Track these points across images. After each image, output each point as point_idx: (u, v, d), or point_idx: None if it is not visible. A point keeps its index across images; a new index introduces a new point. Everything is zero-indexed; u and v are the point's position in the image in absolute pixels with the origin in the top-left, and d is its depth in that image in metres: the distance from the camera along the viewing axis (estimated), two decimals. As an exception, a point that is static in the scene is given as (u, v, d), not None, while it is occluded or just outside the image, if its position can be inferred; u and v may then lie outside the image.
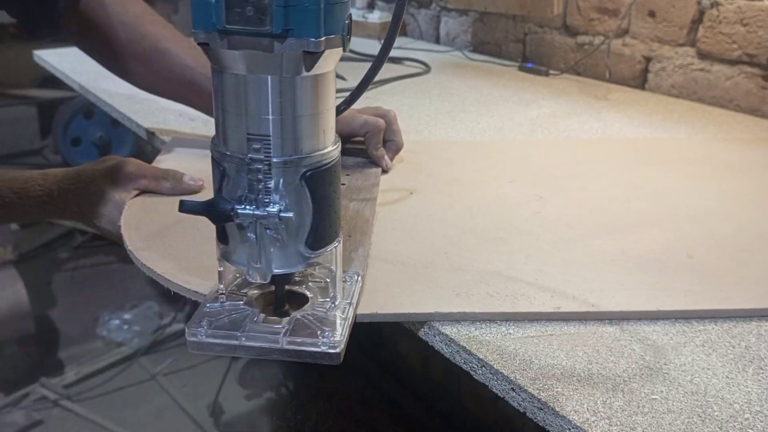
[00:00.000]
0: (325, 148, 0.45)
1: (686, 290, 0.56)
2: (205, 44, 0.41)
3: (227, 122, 0.43)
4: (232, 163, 0.43)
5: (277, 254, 0.45)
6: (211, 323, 0.46)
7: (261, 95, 0.42)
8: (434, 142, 0.96)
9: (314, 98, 0.43)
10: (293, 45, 0.40)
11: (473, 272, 0.58)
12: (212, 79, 0.44)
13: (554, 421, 0.44)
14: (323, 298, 0.50)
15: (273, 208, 0.43)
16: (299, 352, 0.45)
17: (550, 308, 0.53)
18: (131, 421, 1.74)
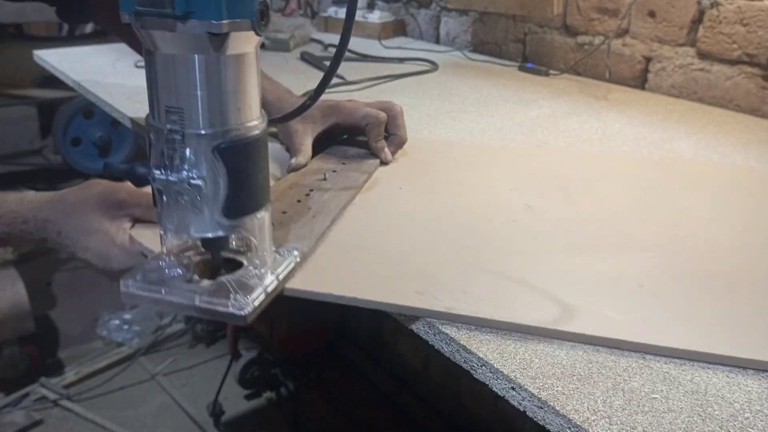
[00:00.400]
0: (240, 125, 0.48)
1: (633, 319, 0.53)
2: (128, 24, 0.45)
3: (152, 95, 0.48)
4: (155, 133, 0.48)
5: (194, 219, 0.49)
6: (143, 277, 0.51)
7: (174, 71, 0.46)
8: (443, 142, 0.96)
9: (228, 77, 0.47)
10: (195, 26, 0.43)
11: (419, 269, 0.58)
12: (144, 59, 0.48)
13: (554, 420, 0.44)
14: (251, 268, 0.53)
15: (182, 175, 0.47)
16: (211, 310, 0.49)
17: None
18: (131, 421, 1.74)
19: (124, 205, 0.62)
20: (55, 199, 0.61)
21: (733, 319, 0.53)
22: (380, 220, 0.68)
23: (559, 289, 0.56)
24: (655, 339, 0.49)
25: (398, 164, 0.85)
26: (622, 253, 0.63)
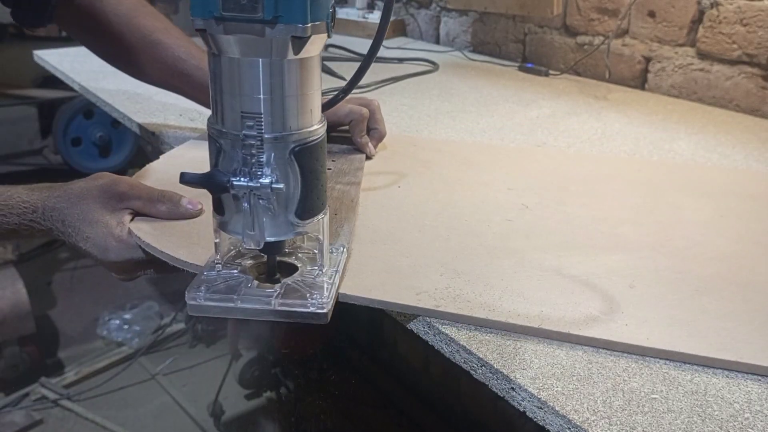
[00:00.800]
0: (311, 126, 0.49)
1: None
2: (202, 30, 0.44)
3: (223, 102, 0.47)
4: (227, 140, 0.48)
5: (269, 223, 0.49)
6: (208, 288, 0.51)
7: (253, 76, 0.46)
8: (443, 141, 0.96)
9: (302, 80, 0.47)
10: (282, 30, 0.43)
11: (412, 267, 0.58)
12: (209, 63, 0.48)
13: (554, 421, 0.44)
14: (311, 267, 0.54)
15: (265, 180, 0.47)
16: (290, 312, 0.49)
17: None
18: (131, 421, 1.74)
19: (125, 198, 0.62)
20: (61, 189, 0.62)
21: (725, 323, 0.52)
22: (383, 218, 0.69)
23: (544, 287, 0.56)
24: (639, 340, 0.49)
25: (396, 162, 0.85)
26: (613, 254, 0.63)
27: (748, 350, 0.49)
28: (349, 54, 1.58)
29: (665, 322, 0.52)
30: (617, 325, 0.51)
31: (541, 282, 0.57)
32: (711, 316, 0.53)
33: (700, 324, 0.52)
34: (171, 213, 0.64)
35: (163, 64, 0.83)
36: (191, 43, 0.86)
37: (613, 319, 0.52)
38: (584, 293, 0.55)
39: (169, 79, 0.85)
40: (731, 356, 0.48)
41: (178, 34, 0.85)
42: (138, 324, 2.04)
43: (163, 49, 0.83)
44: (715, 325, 0.52)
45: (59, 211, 0.61)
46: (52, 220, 0.61)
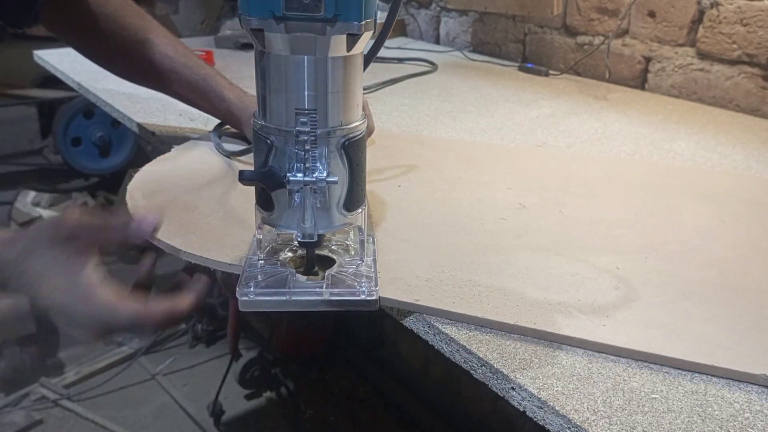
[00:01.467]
0: (357, 121, 0.51)
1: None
2: (258, 30, 0.46)
3: (274, 100, 0.49)
4: (279, 136, 0.49)
5: (320, 216, 0.51)
6: (257, 284, 0.52)
7: (308, 74, 0.47)
8: (446, 140, 0.96)
9: (351, 76, 0.49)
10: (341, 28, 0.45)
11: (396, 263, 0.59)
12: (257, 63, 0.49)
13: (554, 420, 0.44)
14: (348, 258, 0.56)
15: (321, 174, 0.49)
16: (341, 301, 0.51)
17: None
18: (131, 421, 1.74)
19: (75, 236, 0.53)
20: (8, 242, 0.53)
21: (705, 327, 0.52)
22: (379, 214, 0.69)
23: (527, 285, 0.56)
24: (614, 340, 0.49)
25: (401, 159, 0.85)
26: (603, 255, 0.63)
27: (724, 355, 0.48)
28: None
29: (643, 324, 0.52)
30: (594, 324, 0.51)
31: (524, 280, 0.57)
32: (693, 320, 0.53)
33: (679, 327, 0.52)
34: (123, 240, 0.58)
35: (150, 62, 0.83)
36: (178, 41, 0.86)
37: (591, 318, 0.52)
38: (567, 292, 0.56)
39: (156, 77, 0.85)
40: (706, 360, 0.47)
41: (165, 33, 0.85)
42: (138, 324, 2.04)
43: (151, 47, 0.83)
44: (695, 329, 0.51)
45: (12, 264, 0.52)
46: (7, 271, 0.52)
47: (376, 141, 0.91)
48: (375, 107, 1.14)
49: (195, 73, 0.84)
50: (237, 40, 1.59)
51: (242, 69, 1.40)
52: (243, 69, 1.39)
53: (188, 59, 0.84)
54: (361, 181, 0.53)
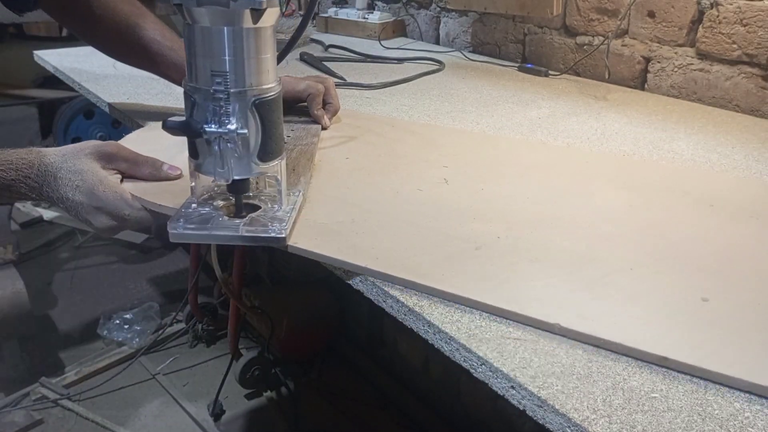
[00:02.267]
0: (268, 84, 0.60)
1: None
2: (179, 4, 0.55)
3: (196, 63, 0.58)
4: (200, 94, 0.58)
5: (236, 164, 0.60)
6: (186, 220, 0.62)
7: (220, 41, 0.56)
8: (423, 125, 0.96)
9: (258, 45, 0.58)
10: (243, 3, 0.55)
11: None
12: (184, 32, 0.58)
13: (554, 419, 0.44)
14: (272, 206, 0.65)
15: (232, 126, 0.58)
16: (254, 237, 0.60)
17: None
18: (131, 421, 1.74)
19: (113, 158, 0.70)
20: (57, 150, 0.70)
21: (545, 291, 0.56)
22: (314, 182, 0.77)
23: (406, 242, 0.63)
24: (452, 288, 0.55)
25: (363, 138, 0.94)
26: (487, 223, 0.68)
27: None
28: (349, 54, 1.58)
29: (478, 281, 0.57)
30: (435, 277, 0.57)
31: (405, 238, 0.64)
32: (529, 281, 0.57)
33: (511, 283, 0.57)
34: (153, 176, 0.72)
35: (139, 45, 0.92)
36: (165, 27, 0.94)
37: (433, 273, 0.57)
38: (432, 252, 0.61)
39: (144, 59, 0.94)
40: (516, 308, 0.53)
41: (154, 18, 0.93)
42: (138, 324, 2.04)
43: (140, 32, 0.92)
44: (537, 293, 0.56)
45: (53, 166, 0.67)
46: (45, 176, 0.67)
47: (342, 119, 1.02)
48: (375, 107, 1.14)
49: (179, 55, 0.92)
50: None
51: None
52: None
53: (174, 43, 0.92)
54: (275, 136, 0.61)
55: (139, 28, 0.91)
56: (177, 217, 0.62)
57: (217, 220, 0.62)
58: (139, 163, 0.72)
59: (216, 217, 0.62)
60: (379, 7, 1.96)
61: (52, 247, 2.50)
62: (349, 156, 0.86)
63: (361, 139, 0.94)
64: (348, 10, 1.89)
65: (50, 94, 2.72)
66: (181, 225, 0.60)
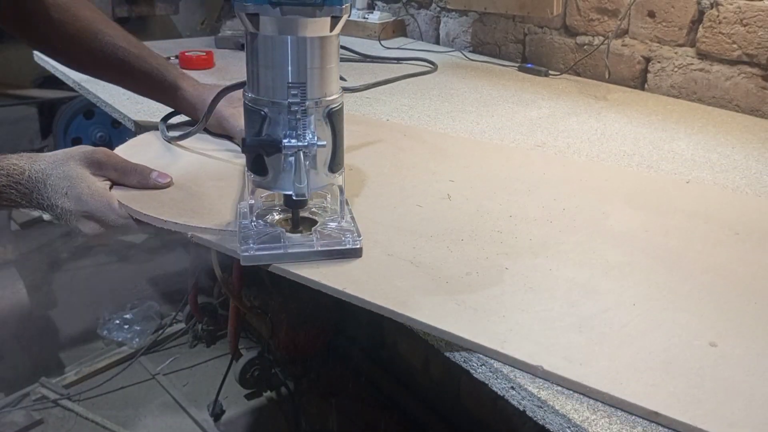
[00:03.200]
0: (339, 93, 0.59)
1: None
2: (254, 14, 0.53)
3: (268, 75, 0.56)
4: (273, 107, 0.56)
5: (311, 176, 0.58)
6: (256, 241, 0.59)
7: (298, 51, 0.55)
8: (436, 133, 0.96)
9: (330, 54, 0.57)
10: (327, 11, 0.53)
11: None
12: (249, 44, 0.56)
13: (554, 420, 0.44)
14: (328, 218, 0.64)
15: (312, 140, 0.56)
16: (331, 251, 0.58)
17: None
18: (131, 421, 1.74)
19: (102, 166, 0.69)
20: (48, 156, 0.69)
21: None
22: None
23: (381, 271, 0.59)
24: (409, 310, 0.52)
25: (372, 146, 0.91)
26: (490, 246, 0.63)
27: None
28: (349, 54, 1.58)
29: (457, 311, 0.52)
30: (410, 305, 0.53)
31: (388, 261, 0.60)
32: (518, 313, 0.53)
33: (495, 315, 0.52)
34: (141, 184, 0.71)
35: (102, 52, 0.86)
36: (129, 33, 0.89)
37: (410, 302, 0.53)
38: (415, 278, 0.57)
39: (108, 67, 0.88)
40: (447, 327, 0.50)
41: (115, 25, 0.88)
42: (138, 324, 2.04)
43: (103, 38, 0.86)
44: (523, 328, 0.51)
45: (43, 173, 0.66)
46: (35, 182, 0.66)
47: (353, 126, 0.96)
48: (375, 107, 1.14)
49: (147, 63, 0.88)
50: (237, 41, 1.59)
51: (242, 69, 1.40)
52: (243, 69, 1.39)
53: (141, 50, 0.88)
54: (342, 145, 0.60)
55: (103, 35, 0.86)
56: (244, 239, 0.59)
57: (286, 237, 0.60)
58: (127, 171, 0.71)
59: (282, 234, 0.60)
60: (379, 7, 1.96)
61: (52, 247, 2.50)
62: (353, 167, 0.83)
63: (369, 148, 0.91)
64: (348, 10, 1.89)
65: (50, 94, 2.72)
66: (252, 247, 0.58)
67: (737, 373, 0.46)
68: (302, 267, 0.58)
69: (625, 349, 0.48)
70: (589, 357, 0.47)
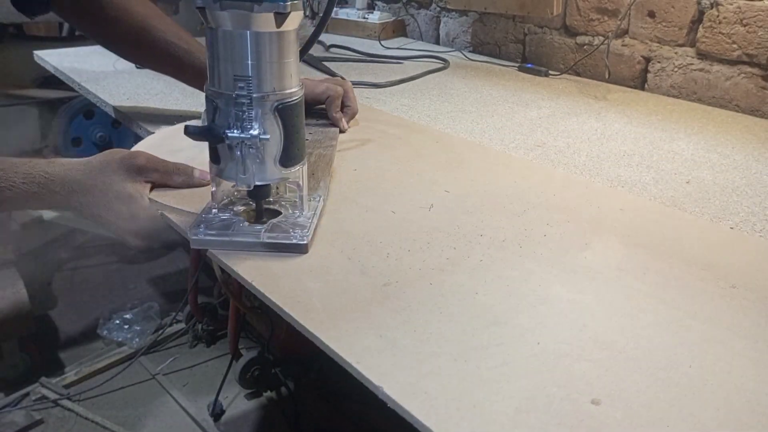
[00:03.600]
0: (291, 89, 0.59)
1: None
2: (201, 8, 0.54)
3: (219, 68, 0.57)
4: (222, 99, 0.57)
5: (257, 169, 0.59)
6: (207, 226, 0.61)
7: (243, 46, 0.55)
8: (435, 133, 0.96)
9: (284, 49, 0.57)
10: (267, 7, 0.54)
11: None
12: (206, 36, 0.57)
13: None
14: (293, 211, 0.64)
15: (254, 132, 0.57)
16: (276, 244, 0.59)
17: None
18: (131, 421, 1.74)
19: (143, 170, 0.68)
20: (81, 164, 0.66)
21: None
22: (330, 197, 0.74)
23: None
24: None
25: (383, 145, 0.90)
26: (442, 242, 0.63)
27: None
28: (349, 54, 1.58)
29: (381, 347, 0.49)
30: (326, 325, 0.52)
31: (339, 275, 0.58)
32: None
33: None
34: (186, 183, 0.71)
35: (155, 47, 0.88)
36: (180, 29, 0.91)
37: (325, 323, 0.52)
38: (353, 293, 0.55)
39: (160, 61, 0.91)
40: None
41: (169, 20, 0.90)
42: (138, 324, 2.04)
43: (156, 34, 0.88)
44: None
45: (80, 183, 0.65)
46: (73, 192, 0.64)
47: (360, 122, 1.00)
48: (375, 107, 1.14)
49: (197, 58, 0.89)
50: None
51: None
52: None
53: (190, 45, 0.89)
54: (297, 141, 0.60)
55: (155, 30, 0.88)
56: (197, 222, 0.61)
57: (238, 226, 0.61)
58: (170, 172, 0.70)
59: (237, 223, 0.61)
60: (379, 7, 1.96)
61: (51, 247, 2.50)
62: (357, 167, 0.82)
63: (387, 152, 0.89)
64: (348, 10, 1.89)
65: (50, 94, 2.72)
66: (202, 231, 0.60)
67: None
68: (241, 256, 0.59)
69: (485, 389, 0.43)
70: (447, 388, 0.43)
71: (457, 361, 0.46)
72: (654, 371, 0.45)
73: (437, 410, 0.41)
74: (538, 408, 0.42)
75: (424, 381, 0.44)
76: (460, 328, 0.50)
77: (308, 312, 0.52)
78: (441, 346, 0.48)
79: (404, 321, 0.51)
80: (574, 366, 0.46)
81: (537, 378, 0.44)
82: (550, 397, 0.43)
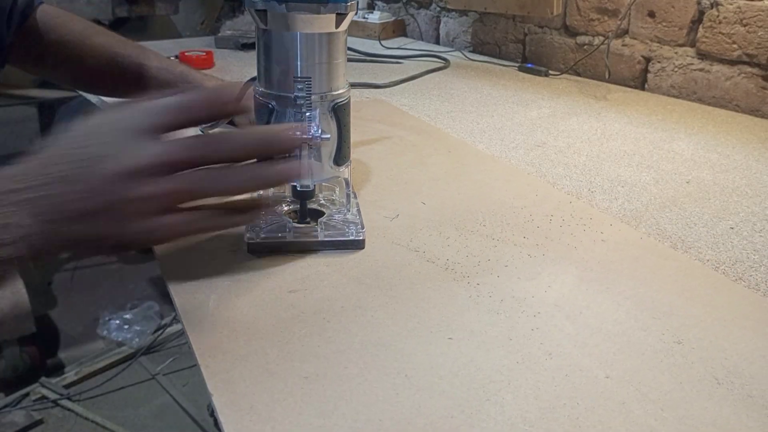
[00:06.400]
0: (344, 88, 0.60)
1: None
2: (262, 11, 0.55)
3: (276, 69, 0.57)
4: (279, 101, 0.58)
5: (315, 168, 0.59)
6: (262, 229, 0.60)
7: (304, 47, 0.56)
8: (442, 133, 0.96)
9: (337, 50, 0.58)
10: (331, 8, 0.55)
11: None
12: (259, 40, 0.58)
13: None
14: (335, 209, 0.65)
15: (316, 132, 0.57)
16: (334, 242, 0.60)
17: None
18: (131, 421, 1.74)
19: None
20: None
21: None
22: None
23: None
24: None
25: (397, 147, 0.86)
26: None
27: None
28: (349, 54, 1.58)
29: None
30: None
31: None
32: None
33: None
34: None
35: (125, 74, 0.83)
36: (146, 48, 0.86)
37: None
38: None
39: (132, 85, 0.85)
40: None
41: (133, 43, 0.86)
42: (138, 324, 2.05)
43: (123, 59, 0.83)
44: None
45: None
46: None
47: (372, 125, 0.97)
48: (375, 107, 1.14)
49: (168, 73, 0.84)
50: (237, 41, 1.59)
51: (243, 69, 1.40)
52: (243, 69, 1.39)
53: (161, 61, 0.84)
54: (347, 139, 0.61)
55: (122, 56, 0.84)
56: (251, 226, 0.60)
57: (292, 227, 0.61)
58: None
59: (287, 224, 0.61)
60: (379, 6, 1.97)
61: (52, 247, 2.49)
62: (366, 165, 0.82)
63: (403, 149, 0.88)
64: (348, 10, 1.89)
65: (50, 94, 2.72)
66: (257, 235, 0.59)
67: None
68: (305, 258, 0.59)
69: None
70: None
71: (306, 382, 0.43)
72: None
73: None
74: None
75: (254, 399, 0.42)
76: (338, 349, 0.46)
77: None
78: (312, 368, 0.45)
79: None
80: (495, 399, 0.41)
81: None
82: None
